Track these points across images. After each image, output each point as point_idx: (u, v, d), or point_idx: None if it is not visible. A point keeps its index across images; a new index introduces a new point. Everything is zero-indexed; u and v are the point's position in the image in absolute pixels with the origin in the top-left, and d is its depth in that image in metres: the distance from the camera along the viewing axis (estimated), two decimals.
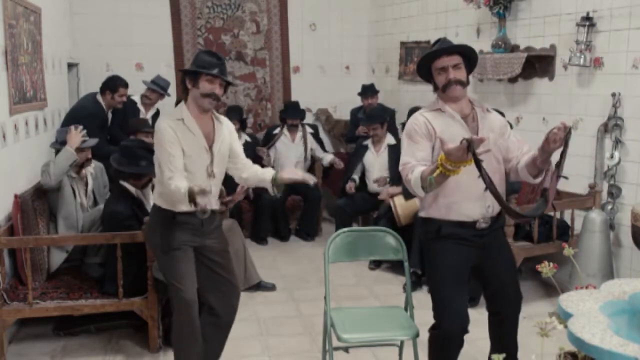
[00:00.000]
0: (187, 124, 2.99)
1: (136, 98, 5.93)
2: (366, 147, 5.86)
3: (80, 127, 4.18)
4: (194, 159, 3.00)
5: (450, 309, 2.81)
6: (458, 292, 2.84)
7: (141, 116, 5.78)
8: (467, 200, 2.78)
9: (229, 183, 3.36)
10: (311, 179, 3.21)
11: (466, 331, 2.83)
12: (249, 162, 3.29)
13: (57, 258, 4.03)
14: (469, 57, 2.89)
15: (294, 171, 3.30)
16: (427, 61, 2.87)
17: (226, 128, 3.17)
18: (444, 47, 2.85)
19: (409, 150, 2.82)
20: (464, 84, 2.85)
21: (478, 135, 2.69)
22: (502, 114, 3.51)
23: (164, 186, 2.96)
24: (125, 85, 5.44)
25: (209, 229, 3.13)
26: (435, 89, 2.91)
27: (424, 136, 2.80)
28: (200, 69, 2.98)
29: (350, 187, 5.79)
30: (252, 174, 3.23)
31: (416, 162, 2.73)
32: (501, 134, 2.89)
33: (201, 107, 3.01)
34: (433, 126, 2.80)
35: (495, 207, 2.84)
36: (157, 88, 5.91)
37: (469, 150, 2.34)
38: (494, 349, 3.16)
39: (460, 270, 2.85)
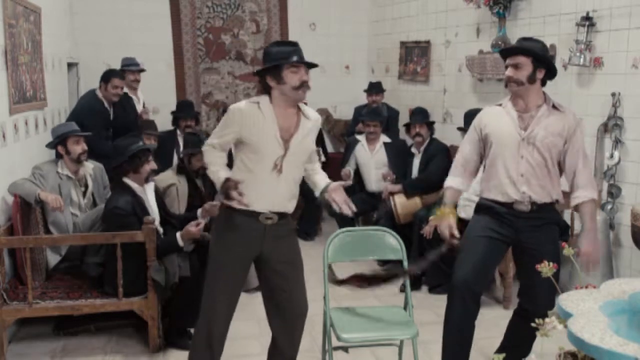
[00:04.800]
0: (261, 108, 2.78)
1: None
2: (358, 141, 5.85)
3: (60, 199, 3.87)
4: (260, 145, 2.75)
5: (459, 262, 3.08)
6: (472, 252, 3.06)
7: (135, 104, 5.80)
8: (503, 184, 3.07)
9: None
10: (348, 210, 2.89)
11: (471, 291, 3.03)
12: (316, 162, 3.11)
13: (51, 260, 4.03)
14: (535, 56, 3.01)
15: (340, 194, 2.96)
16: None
17: (313, 125, 2.92)
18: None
19: (462, 146, 3.27)
20: (520, 82, 3.02)
21: (527, 130, 3.02)
22: None
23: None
24: (120, 76, 5.41)
25: (272, 237, 2.85)
26: None
27: (474, 128, 3.20)
28: (281, 61, 2.74)
29: (345, 173, 5.70)
30: (310, 174, 3.05)
31: (462, 158, 3.20)
32: (558, 134, 3.03)
33: (295, 100, 2.80)
34: (485, 119, 3.17)
35: (533, 195, 3.03)
36: (135, 67, 5.89)
37: None
38: (503, 346, 3.19)
39: (481, 235, 3.08)
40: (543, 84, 3.08)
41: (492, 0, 5.13)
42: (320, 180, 3.02)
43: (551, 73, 3.07)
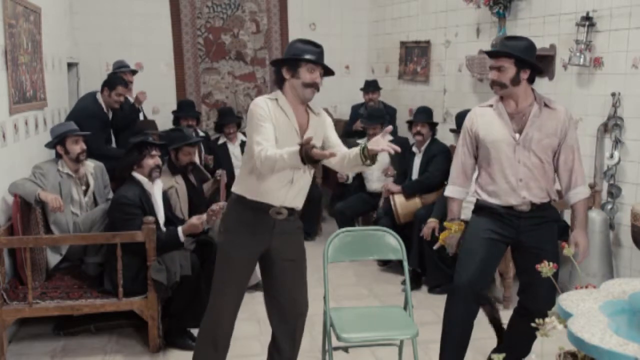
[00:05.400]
0: (280, 104, 2.83)
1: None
2: (358, 144, 5.85)
3: (60, 199, 3.87)
4: (282, 140, 2.76)
5: (461, 264, 3.06)
6: (475, 254, 3.04)
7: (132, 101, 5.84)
8: (503, 190, 3.04)
9: None
10: (390, 149, 2.60)
11: (474, 292, 3.03)
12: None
13: (52, 260, 4.03)
14: (516, 58, 2.95)
15: (377, 142, 2.68)
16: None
17: (323, 121, 2.99)
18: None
19: (460, 150, 3.18)
20: (503, 85, 2.98)
21: (522, 132, 2.98)
22: None
23: (249, 173, 2.76)
24: (125, 85, 5.42)
25: (280, 233, 2.89)
26: None
27: (466, 130, 3.14)
28: (299, 57, 2.78)
29: (341, 176, 5.82)
30: (343, 159, 2.87)
31: (460, 164, 3.16)
32: (552, 134, 3.01)
33: (303, 97, 2.83)
34: (476, 121, 3.11)
35: (534, 198, 3.02)
36: (127, 69, 5.99)
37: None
38: (501, 346, 3.20)
39: (483, 237, 3.06)
40: (532, 81, 3.03)
41: (492, 0, 5.13)
42: (352, 151, 2.84)
43: (537, 71, 3.02)
